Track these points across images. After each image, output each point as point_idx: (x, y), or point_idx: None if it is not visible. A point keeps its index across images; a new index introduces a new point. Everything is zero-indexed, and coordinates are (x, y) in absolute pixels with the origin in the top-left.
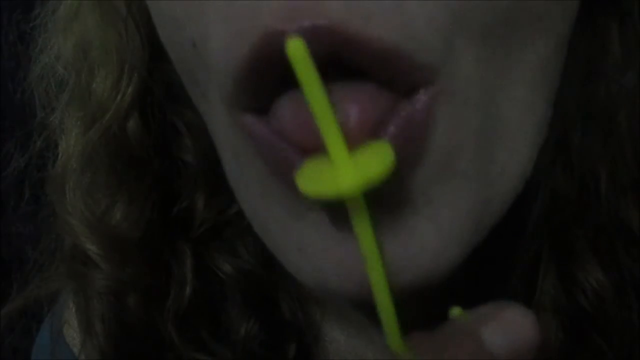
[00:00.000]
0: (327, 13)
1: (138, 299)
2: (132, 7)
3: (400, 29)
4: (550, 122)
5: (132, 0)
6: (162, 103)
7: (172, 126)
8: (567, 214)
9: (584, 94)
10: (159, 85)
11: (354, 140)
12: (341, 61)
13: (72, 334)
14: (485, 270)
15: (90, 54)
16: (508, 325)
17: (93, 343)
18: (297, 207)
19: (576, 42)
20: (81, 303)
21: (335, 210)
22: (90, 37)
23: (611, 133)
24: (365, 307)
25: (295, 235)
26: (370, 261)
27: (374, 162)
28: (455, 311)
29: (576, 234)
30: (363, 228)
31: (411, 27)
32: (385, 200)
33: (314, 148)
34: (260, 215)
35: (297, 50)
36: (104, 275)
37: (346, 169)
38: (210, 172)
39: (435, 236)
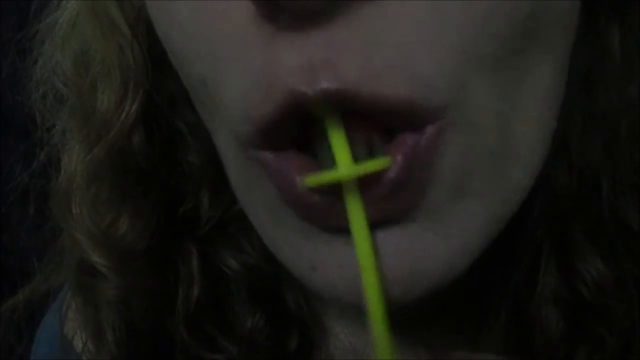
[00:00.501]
0: (341, 76)
1: (148, 305)
2: (130, 19)
3: (411, 82)
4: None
5: (130, 12)
6: (165, 110)
7: (175, 129)
8: (567, 211)
9: (585, 98)
10: (163, 97)
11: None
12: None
13: (74, 330)
14: (487, 265)
15: (91, 70)
16: None
17: (105, 351)
18: (309, 229)
19: (577, 50)
20: (90, 313)
21: (346, 230)
22: (90, 52)
23: (612, 136)
24: None
25: (307, 256)
26: (365, 274)
27: (372, 161)
28: None
29: (576, 228)
30: (359, 230)
31: (421, 77)
32: (397, 217)
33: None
34: (272, 237)
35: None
36: (112, 285)
37: (345, 162)
38: (214, 171)
39: (445, 252)
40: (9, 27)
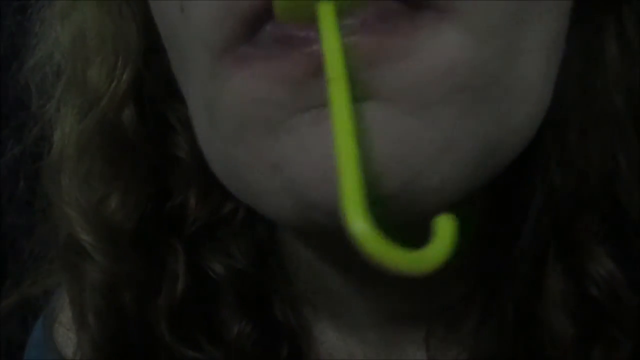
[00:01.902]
0: None
1: (131, 294)
2: None
3: None
4: (549, 109)
5: None
6: (158, 98)
7: (167, 122)
8: (569, 207)
9: (582, 87)
10: (155, 77)
11: None
12: None
13: (64, 334)
14: (489, 265)
15: (87, 43)
16: None
17: (86, 335)
18: (275, 121)
19: (573, 41)
20: (75, 295)
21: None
22: (87, 26)
23: (612, 126)
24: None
25: (270, 154)
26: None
27: None
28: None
29: (580, 227)
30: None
31: None
32: (381, 90)
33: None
34: (233, 152)
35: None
36: (97, 268)
37: None
38: (204, 171)
39: (430, 141)
40: (7, 2)
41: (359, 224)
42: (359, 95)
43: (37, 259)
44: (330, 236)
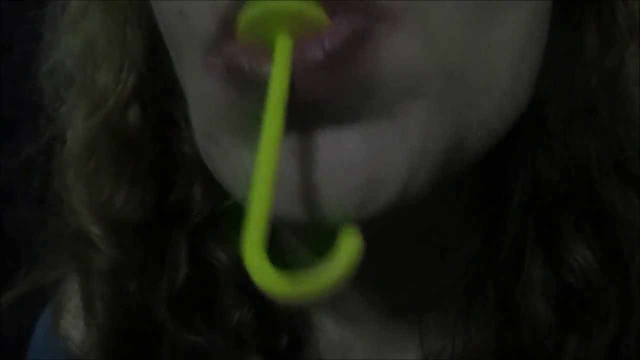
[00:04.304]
0: None
1: (135, 282)
2: (133, 5)
3: None
4: (530, 103)
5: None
6: (162, 97)
7: (171, 119)
8: (551, 199)
9: (563, 80)
10: (159, 78)
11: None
12: None
13: (71, 321)
14: (470, 257)
15: (96, 49)
16: None
17: (94, 321)
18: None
19: (554, 31)
20: (83, 283)
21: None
22: (96, 34)
23: (592, 119)
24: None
25: (234, 161)
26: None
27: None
28: None
29: (561, 217)
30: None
31: None
32: (347, 112)
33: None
34: (210, 152)
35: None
36: (103, 257)
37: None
38: (206, 165)
39: (404, 153)
40: (23, 11)
41: (254, 261)
42: (305, 121)
43: (48, 250)
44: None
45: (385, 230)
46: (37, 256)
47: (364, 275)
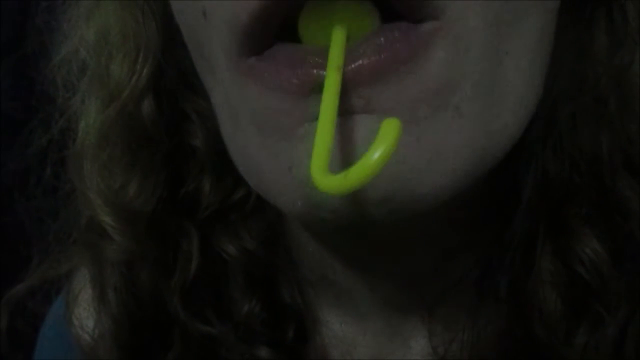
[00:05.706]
0: None
1: (147, 272)
2: None
3: None
4: (541, 102)
5: None
6: (176, 90)
7: (184, 112)
8: (561, 193)
9: (573, 78)
10: (173, 70)
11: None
12: None
13: (83, 310)
14: (482, 250)
15: (110, 40)
16: None
17: (106, 310)
18: (286, 130)
19: (565, 30)
20: (96, 273)
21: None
22: (110, 24)
23: (601, 115)
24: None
25: (285, 158)
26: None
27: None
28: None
29: (571, 211)
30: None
31: None
32: (373, 104)
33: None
34: (253, 153)
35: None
36: (116, 247)
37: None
38: (218, 158)
39: (417, 155)
40: (36, 2)
41: (322, 180)
42: (354, 110)
43: (61, 240)
44: (334, 229)
45: (398, 228)
46: (50, 246)
47: (374, 271)
